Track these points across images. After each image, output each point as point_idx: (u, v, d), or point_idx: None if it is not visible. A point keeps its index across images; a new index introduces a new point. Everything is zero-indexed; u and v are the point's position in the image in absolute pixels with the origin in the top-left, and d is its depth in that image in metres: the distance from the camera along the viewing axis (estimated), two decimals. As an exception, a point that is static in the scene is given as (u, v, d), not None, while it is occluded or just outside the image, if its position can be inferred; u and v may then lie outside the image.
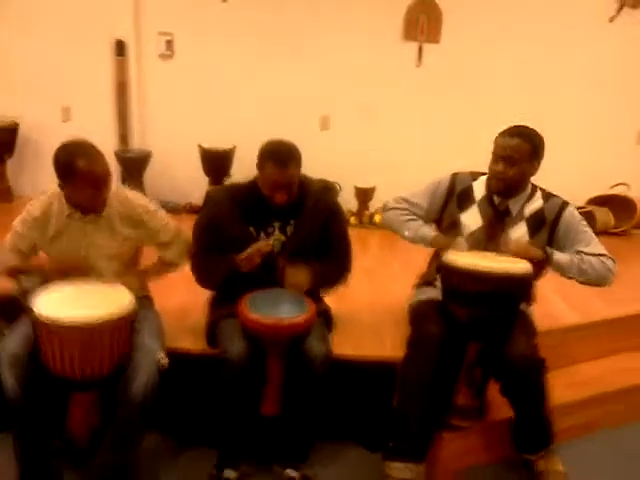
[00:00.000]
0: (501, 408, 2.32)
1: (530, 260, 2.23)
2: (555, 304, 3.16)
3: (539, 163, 2.34)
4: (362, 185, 4.78)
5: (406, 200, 2.54)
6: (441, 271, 2.35)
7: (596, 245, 2.36)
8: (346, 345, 2.49)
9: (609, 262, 2.34)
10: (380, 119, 4.99)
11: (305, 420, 2.27)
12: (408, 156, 4.80)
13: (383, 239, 4.41)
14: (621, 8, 4.78)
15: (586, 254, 2.32)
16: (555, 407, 2.49)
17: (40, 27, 4.76)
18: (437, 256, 2.50)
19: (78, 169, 2.05)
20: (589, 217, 2.45)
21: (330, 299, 2.58)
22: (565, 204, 2.39)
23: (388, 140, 4.99)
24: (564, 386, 2.72)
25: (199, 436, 2.46)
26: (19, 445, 2.04)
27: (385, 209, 2.63)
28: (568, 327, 2.96)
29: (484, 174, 2.45)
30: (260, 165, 2.26)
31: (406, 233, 2.50)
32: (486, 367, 2.34)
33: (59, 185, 2.15)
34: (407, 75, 4.94)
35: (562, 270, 2.32)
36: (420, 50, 4.93)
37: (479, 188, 2.45)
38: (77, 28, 4.76)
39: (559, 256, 2.30)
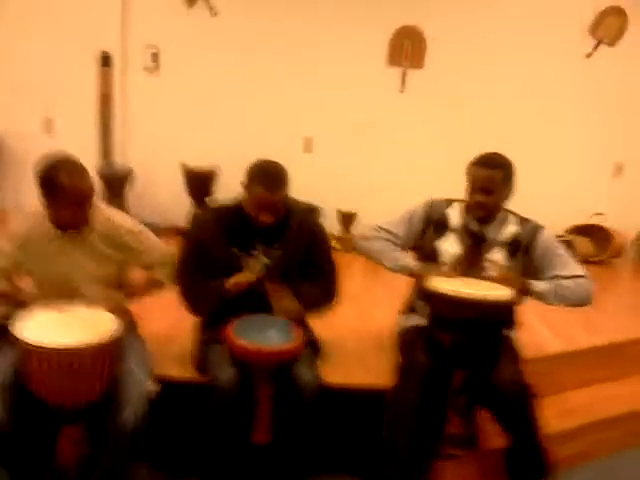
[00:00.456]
0: (494, 437, 2.30)
1: (513, 287, 2.25)
2: (539, 332, 3.18)
3: (512, 186, 2.39)
4: (345, 209, 4.77)
5: (384, 229, 2.55)
6: (425, 297, 2.35)
7: (572, 267, 2.38)
8: (334, 373, 2.46)
9: (586, 283, 2.36)
10: (364, 143, 5.03)
11: (297, 449, 2.23)
12: (392, 180, 4.83)
13: (366, 264, 4.32)
14: (598, 45, 4.90)
15: (563, 277, 2.34)
16: (548, 436, 2.49)
17: (25, 37, 4.74)
18: (418, 282, 2.49)
19: (61, 185, 2.00)
20: (568, 246, 2.48)
21: (315, 326, 2.54)
22: (539, 228, 2.43)
23: (371, 164, 5.02)
24: (555, 415, 2.71)
25: (190, 468, 2.38)
26: (9, 477, 1.97)
27: (362, 239, 2.63)
28: (553, 355, 2.97)
29: (458, 200, 2.49)
30: (248, 185, 2.24)
31: (386, 264, 2.51)
32: (471, 395, 2.34)
33: (41, 200, 2.09)
34: (391, 100, 5.00)
35: (542, 299, 2.35)
36: (404, 75, 4.99)
37: (454, 215, 2.48)
38: (63, 39, 4.75)
39: (537, 284, 2.34)
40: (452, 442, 2.36)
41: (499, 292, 2.20)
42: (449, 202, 2.52)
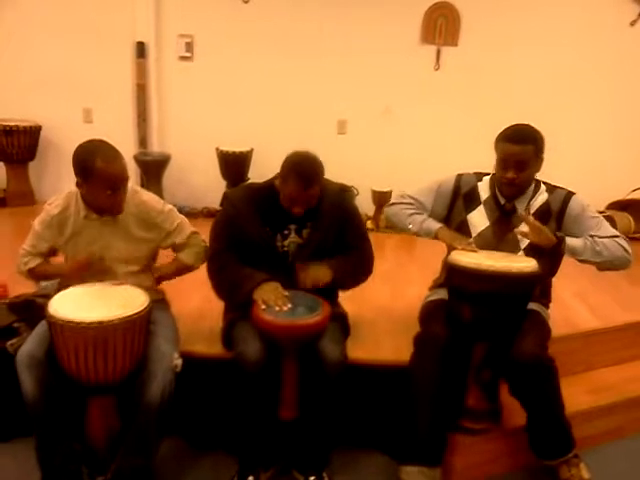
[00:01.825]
0: (521, 413, 2.28)
1: (544, 248, 2.23)
2: (574, 309, 3.13)
3: (542, 158, 2.33)
4: (379, 189, 4.76)
5: (410, 197, 2.56)
6: (446, 271, 2.33)
7: (607, 228, 2.34)
8: (363, 349, 2.48)
9: (623, 242, 2.30)
10: (398, 122, 4.99)
11: (323, 425, 2.25)
12: (426, 159, 4.78)
13: (400, 243, 4.40)
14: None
15: (599, 237, 2.29)
16: (576, 413, 2.46)
17: (62, 30, 4.86)
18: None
19: (96, 169, 2.06)
20: (609, 222, 2.41)
21: (347, 303, 2.56)
22: (570, 194, 2.38)
23: (406, 143, 4.99)
24: (585, 392, 2.69)
25: (219, 441, 2.45)
26: (39, 449, 2.05)
27: (389, 204, 2.65)
28: (587, 332, 2.92)
29: (488, 174, 2.45)
30: (283, 178, 2.24)
31: (410, 226, 2.50)
32: (495, 368, 2.31)
33: (76, 184, 2.16)
34: (425, 78, 4.94)
35: (576, 253, 2.28)
36: (438, 53, 4.92)
37: (484, 188, 2.46)
38: (98, 30, 4.85)
39: (571, 240, 2.28)
40: (474, 416, 2.33)
41: (522, 264, 2.16)
42: (479, 176, 2.49)
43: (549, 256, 2.27)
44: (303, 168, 2.21)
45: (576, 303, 3.21)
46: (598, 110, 4.88)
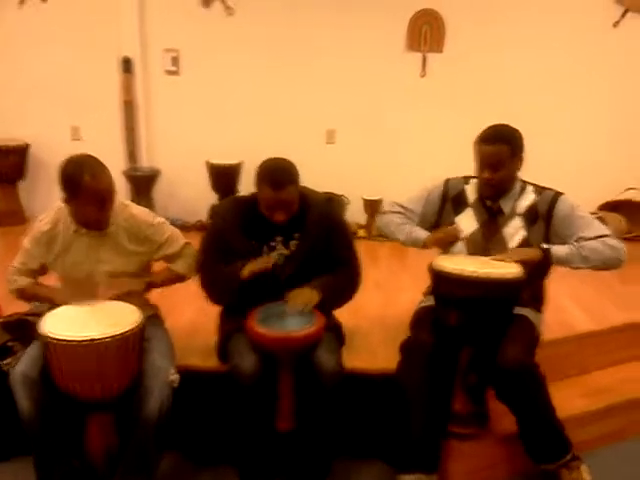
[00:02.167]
0: (506, 417, 2.27)
1: (531, 262, 2.23)
2: (569, 311, 3.14)
3: (522, 157, 2.35)
4: (369, 197, 4.78)
5: (400, 205, 2.59)
6: (431, 277, 2.34)
7: (596, 227, 2.32)
8: (358, 359, 2.49)
9: (612, 241, 2.28)
10: (386, 130, 5.00)
11: (322, 435, 2.25)
12: (415, 165, 4.80)
13: (392, 251, 4.40)
14: (625, 13, 4.76)
15: (586, 239, 2.27)
16: (572, 417, 2.46)
17: (47, 47, 4.85)
18: None
19: (82, 184, 2.06)
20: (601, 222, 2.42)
21: (340, 313, 2.55)
22: (558, 194, 2.38)
23: (395, 151, 5.00)
24: (581, 395, 2.69)
25: (218, 455, 2.44)
26: (38, 467, 2.04)
27: (380, 213, 2.70)
28: (582, 334, 2.92)
29: (476, 177, 2.47)
30: (257, 185, 2.26)
31: (399, 237, 2.55)
32: (481, 372, 2.32)
33: (64, 199, 2.16)
34: (412, 85, 4.96)
35: (564, 262, 2.28)
36: (424, 60, 4.95)
37: (471, 191, 2.48)
38: (84, 46, 4.85)
39: (557, 249, 2.28)
40: (461, 421, 2.34)
41: (505, 270, 2.17)
42: (466, 179, 2.52)
43: (538, 265, 2.28)
44: (273, 171, 2.22)
45: (570, 305, 3.22)
46: (587, 111, 4.90)
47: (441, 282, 2.24)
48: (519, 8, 4.76)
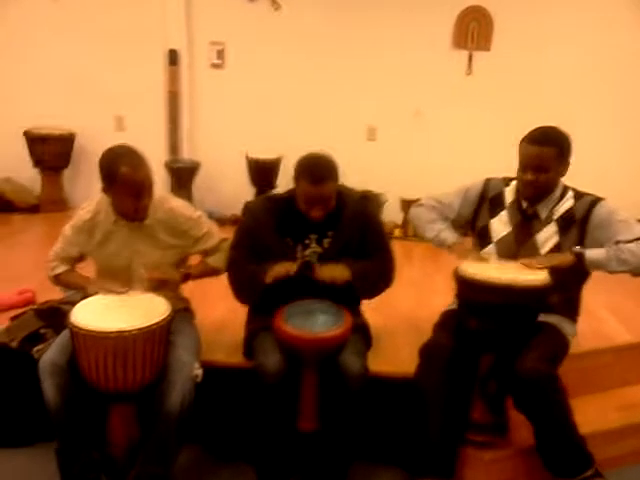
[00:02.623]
0: (526, 427, 2.21)
1: (561, 267, 2.17)
2: (606, 322, 3.04)
3: (568, 162, 2.27)
4: (407, 197, 4.72)
5: (438, 200, 2.54)
6: (455, 281, 2.29)
7: (637, 230, 2.22)
8: (384, 362, 2.46)
9: None
10: (429, 129, 4.95)
11: (343, 437, 2.23)
12: (456, 166, 4.68)
13: (427, 252, 4.32)
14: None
15: (625, 242, 2.17)
16: (606, 431, 2.39)
17: (95, 38, 4.96)
18: None
19: (120, 175, 2.09)
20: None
21: (370, 312, 2.54)
22: (597, 200, 2.29)
23: (436, 150, 4.94)
24: (614, 409, 2.60)
25: (238, 451, 2.45)
26: (60, 454, 2.08)
27: (415, 205, 2.64)
28: (620, 346, 2.83)
29: (515, 178, 2.40)
30: (295, 180, 2.25)
31: (427, 234, 2.52)
32: (500, 380, 2.26)
33: (102, 189, 2.19)
34: (457, 83, 4.89)
35: (600, 266, 2.20)
36: (470, 58, 4.86)
37: (510, 193, 2.42)
38: (131, 39, 4.95)
39: (592, 253, 2.20)
40: (478, 429, 2.29)
41: (530, 277, 2.11)
42: (506, 181, 2.45)
43: (572, 271, 2.21)
44: (313, 165, 2.21)
45: (608, 315, 3.11)
46: (636, 110, 4.73)
47: (463, 287, 2.21)
48: (568, 6, 4.63)
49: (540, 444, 2.17)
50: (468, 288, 2.17)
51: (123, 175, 2.09)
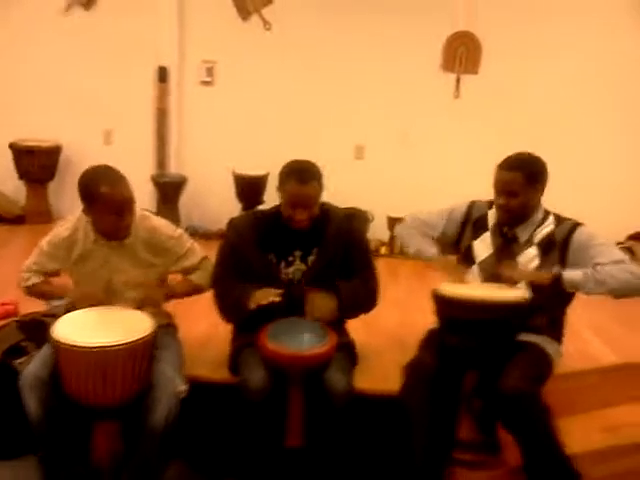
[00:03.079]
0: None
1: (543, 285, 2.21)
2: (591, 343, 3.05)
3: (542, 188, 2.33)
4: (394, 214, 4.73)
5: (422, 219, 2.60)
6: (432, 299, 2.31)
7: (614, 253, 2.25)
8: (370, 380, 2.44)
9: (630, 266, 2.21)
10: (416, 149, 4.97)
11: (329, 454, 2.22)
12: (443, 187, 4.72)
13: (414, 269, 4.33)
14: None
15: (602, 264, 2.20)
16: (591, 452, 2.38)
17: (86, 52, 4.95)
18: None
19: (100, 194, 2.09)
20: (629, 254, 2.36)
21: (355, 330, 2.53)
22: (577, 225, 2.33)
23: (423, 170, 4.95)
24: (598, 430, 2.59)
25: (225, 468, 2.42)
26: (43, 470, 2.05)
27: (400, 223, 2.72)
28: (605, 368, 2.83)
29: None
30: (281, 183, 2.28)
31: (409, 249, 2.59)
32: (485, 398, 2.28)
33: (83, 210, 2.18)
34: (445, 106, 4.92)
35: (578, 287, 2.23)
36: (458, 81, 4.91)
37: (493, 216, 2.46)
38: (122, 54, 4.94)
39: (570, 274, 2.22)
40: (467, 448, 2.30)
41: (507, 293, 2.15)
42: (490, 204, 2.48)
43: (554, 292, 2.23)
44: (298, 167, 2.28)
45: (593, 337, 3.12)
46: (619, 142, 4.79)
47: (442, 305, 2.25)
48: (558, 32, 4.69)
49: (527, 462, 2.16)
50: (446, 306, 2.21)
51: (103, 194, 2.09)
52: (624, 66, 4.70)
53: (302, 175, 2.22)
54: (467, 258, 2.46)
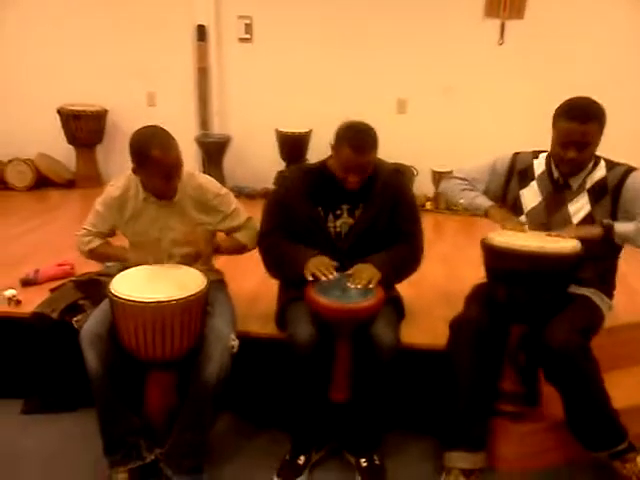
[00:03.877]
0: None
1: (590, 239, 2.16)
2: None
3: (603, 133, 2.22)
4: (439, 169, 4.68)
5: (467, 173, 2.55)
6: (482, 250, 2.27)
7: None
8: (418, 334, 2.47)
9: None
10: (459, 101, 4.87)
11: (375, 408, 2.26)
12: (488, 139, 4.63)
13: (459, 225, 4.31)
14: None
15: None
16: (634, 408, 2.34)
17: (124, 15, 4.98)
18: None
19: (150, 157, 2.12)
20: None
21: (402, 285, 2.54)
22: (630, 170, 2.26)
23: (467, 123, 4.86)
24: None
25: (273, 419, 2.50)
26: (101, 420, 2.14)
27: (445, 178, 2.67)
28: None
29: (545, 151, 2.38)
30: (336, 147, 2.24)
31: (461, 201, 2.52)
32: (530, 351, 2.25)
33: (133, 169, 2.22)
34: (488, 54, 4.79)
35: (629, 240, 2.20)
36: (502, 27, 4.75)
37: (539, 165, 2.40)
38: (159, 15, 4.95)
39: (621, 226, 2.18)
40: (509, 399, 2.30)
41: (559, 244, 2.09)
42: (535, 154, 2.43)
43: (604, 243, 2.19)
44: (356, 133, 2.21)
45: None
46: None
47: (491, 256, 2.20)
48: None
49: (570, 417, 2.15)
50: (495, 257, 2.16)
51: (154, 157, 2.11)
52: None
53: (359, 145, 2.17)
54: (515, 209, 2.42)
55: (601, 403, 2.10)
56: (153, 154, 2.11)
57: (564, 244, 2.10)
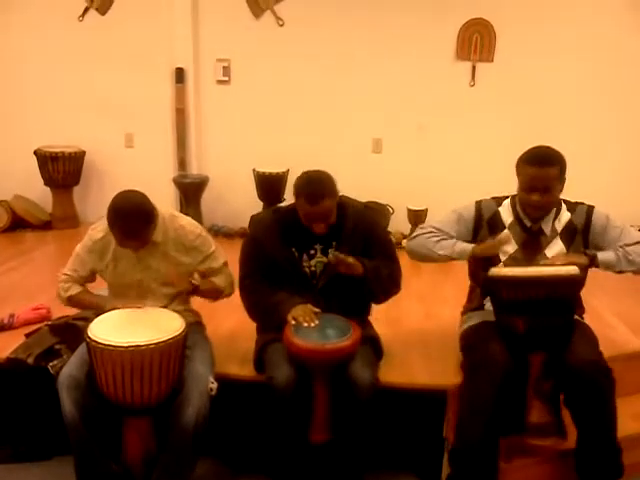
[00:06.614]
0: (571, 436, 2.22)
1: (581, 267, 2.22)
2: (615, 328, 3.04)
3: (565, 178, 2.33)
4: (414, 207, 4.75)
5: (433, 227, 2.47)
6: (489, 287, 2.29)
7: (632, 234, 2.38)
8: (396, 373, 2.47)
9: None
10: (433, 140, 4.97)
11: (355, 447, 2.25)
12: (462, 177, 4.75)
13: (436, 263, 4.34)
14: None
15: (627, 245, 2.32)
16: (622, 439, 2.33)
17: (102, 57, 5.02)
18: (475, 284, 2.50)
19: (114, 231, 2.17)
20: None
21: (379, 325, 2.56)
22: (591, 208, 2.40)
23: (441, 161, 4.95)
24: (629, 417, 2.58)
25: (254, 463, 2.48)
26: (78, 468, 2.11)
27: (409, 238, 2.57)
28: (631, 354, 2.82)
29: (506, 197, 2.45)
30: (295, 199, 2.31)
31: (441, 252, 2.39)
32: (556, 378, 2.26)
33: None
34: (461, 95, 4.91)
35: (611, 267, 2.31)
36: (474, 69, 4.89)
37: (506, 212, 2.43)
38: (139, 58, 5.00)
39: (603, 255, 2.31)
40: (540, 431, 2.26)
41: (565, 268, 2.17)
42: (498, 201, 2.46)
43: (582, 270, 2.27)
44: (308, 185, 2.27)
45: (617, 323, 3.10)
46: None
47: (505, 288, 2.20)
48: (573, 19, 4.65)
49: (582, 446, 2.19)
50: (511, 287, 2.18)
51: (116, 234, 2.17)
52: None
53: (312, 195, 2.22)
54: (490, 258, 2.36)
55: (613, 433, 2.16)
56: (116, 234, 2.17)
57: (569, 268, 2.17)
